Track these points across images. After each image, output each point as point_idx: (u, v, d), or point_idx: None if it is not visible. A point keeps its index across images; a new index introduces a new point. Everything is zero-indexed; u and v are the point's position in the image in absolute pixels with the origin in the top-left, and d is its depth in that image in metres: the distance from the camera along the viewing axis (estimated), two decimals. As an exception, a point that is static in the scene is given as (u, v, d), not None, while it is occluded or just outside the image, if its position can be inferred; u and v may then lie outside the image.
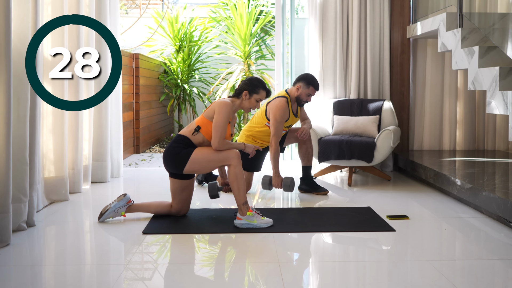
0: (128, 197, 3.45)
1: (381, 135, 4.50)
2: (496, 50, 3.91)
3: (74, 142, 4.23)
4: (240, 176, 3.24)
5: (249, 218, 3.24)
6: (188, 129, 3.40)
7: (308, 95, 4.18)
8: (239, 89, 3.47)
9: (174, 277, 2.55)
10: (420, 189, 4.50)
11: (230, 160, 3.25)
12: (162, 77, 8.55)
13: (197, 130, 3.34)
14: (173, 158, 3.32)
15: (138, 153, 7.18)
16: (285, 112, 4.12)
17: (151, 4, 10.47)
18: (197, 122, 3.38)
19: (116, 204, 3.41)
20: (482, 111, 5.50)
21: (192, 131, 3.35)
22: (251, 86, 3.45)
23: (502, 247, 2.99)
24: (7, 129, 2.89)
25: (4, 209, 2.90)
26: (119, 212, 3.42)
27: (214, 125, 3.26)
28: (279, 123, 4.08)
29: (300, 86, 4.17)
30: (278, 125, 4.08)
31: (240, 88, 3.47)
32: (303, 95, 4.17)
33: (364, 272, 2.66)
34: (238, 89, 3.48)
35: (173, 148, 3.34)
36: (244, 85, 3.47)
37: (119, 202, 3.41)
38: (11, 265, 2.65)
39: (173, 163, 3.33)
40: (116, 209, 3.41)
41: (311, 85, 4.17)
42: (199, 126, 3.34)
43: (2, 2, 2.83)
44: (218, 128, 3.25)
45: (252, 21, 8.28)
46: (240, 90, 3.46)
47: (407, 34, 5.30)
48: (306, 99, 4.21)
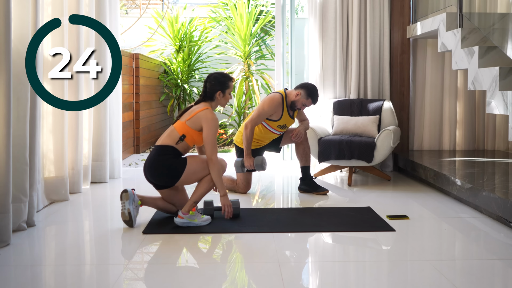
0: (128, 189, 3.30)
1: (381, 135, 4.50)
2: (496, 50, 3.91)
3: (74, 142, 4.23)
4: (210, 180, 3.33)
5: (191, 217, 3.27)
6: (169, 138, 3.31)
7: (303, 104, 4.19)
8: (210, 92, 3.41)
9: (173, 277, 2.55)
10: (420, 189, 4.50)
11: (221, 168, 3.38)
12: (162, 77, 8.55)
13: (182, 139, 3.30)
14: (165, 171, 3.28)
15: (138, 153, 7.18)
16: (276, 107, 4.13)
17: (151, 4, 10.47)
18: (180, 130, 3.31)
19: (127, 202, 3.27)
20: (482, 111, 5.50)
21: (176, 139, 3.30)
22: (221, 84, 3.43)
23: (502, 247, 2.99)
24: (7, 129, 2.89)
25: (4, 209, 2.90)
26: (137, 205, 3.34)
27: (208, 141, 3.27)
28: (263, 112, 4.11)
29: (300, 94, 4.17)
30: (261, 113, 4.11)
31: (210, 90, 3.42)
32: (299, 103, 4.18)
33: (364, 272, 2.66)
34: (209, 91, 3.42)
35: (163, 160, 3.28)
36: (214, 86, 3.42)
37: (129, 199, 3.28)
38: (11, 265, 2.65)
39: (165, 176, 3.30)
40: (133, 205, 3.30)
41: (310, 98, 4.18)
42: (184, 135, 3.30)
43: (2, 2, 2.83)
44: (213, 143, 3.28)
45: (252, 21, 8.28)
46: (212, 92, 3.42)
47: (407, 34, 5.30)
48: (300, 107, 4.22)
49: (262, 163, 4.05)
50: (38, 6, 3.32)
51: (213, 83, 3.43)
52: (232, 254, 2.96)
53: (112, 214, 3.94)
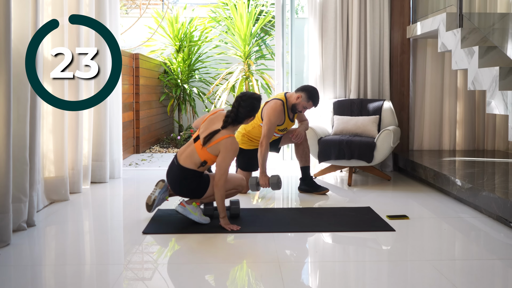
0: (165, 181, 3.50)
1: (381, 135, 4.50)
2: (496, 50, 3.91)
3: (74, 142, 4.22)
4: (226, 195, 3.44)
5: (192, 209, 3.30)
6: (191, 161, 3.33)
7: (304, 107, 4.19)
8: (242, 118, 3.33)
9: (174, 277, 2.55)
10: (420, 189, 4.50)
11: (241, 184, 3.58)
12: (162, 77, 8.55)
13: (203, 165, 3.33)
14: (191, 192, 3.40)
15: (138, 153, 7.18)
16: (280, 115, 4.13)
17: (151, 4, 10.47)
18: (201, 156, 3.30)
19: (159, 191, 3.45)
20: (482, 111, 5.50)
21: (198, 164, 3.32)
22: (255, 110, 3.37)
23: (502, 247, 2.99)
24: (7, 129, 2.89)
25: (4, 209, 2.90)
26: (164, 198, 3.50)
27: (220, 166, 3.25)
28: (272, 125, 4.09)
29: (301, 97, 4.17)
30: (271, 126, 4.09)
31: (243, 116, 3.33)
32: (300, 105, 4.18)
33: (364, 272, 2.66)
34: (241, 117, 3.32)
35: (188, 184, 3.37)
36: (249, 112, 3.33)
37: (162, 189, 3.46)
38: (11, 265, 2.65)
39: (191, 194, 3.41)
40: (162, 196, 3.47)
41: (311, 101, 4.18)
42: (205, 161, 3.31)
43: (2, 2, 2.83)
44: (225, 170, 3.26)
45: (252, 21, 8.28)
46: (244, 118, 3.34)
47: (407, 34, 5.30)
48: (301, 110, 4.22)
49: (278, 182, 3.98)
50: (38, 6, 3.32)
51: (249, 109, 3.32)
52: (232, 254, 2.96)
53: (112, 214, 3.94)
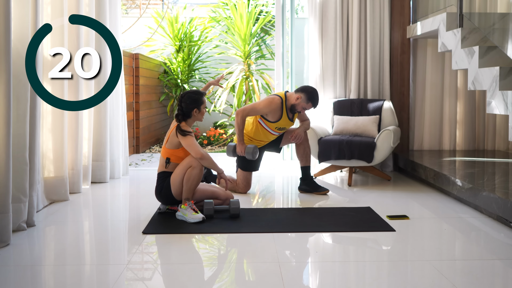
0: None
1: (381, 135, 4.50)
2: (496, 50, 3.91)
3: (74, 142, 4.22)
4: (193, 178, 3.43)
5: (183, 211, 3.42)
6: (161, 165, 3.58)
7: (303, 108, 4.20)
8: (186, 111, 3.52)
9: (174, 277, 2.55)
10: (420, 189, 4.50)
11: (191, 163, 3.45)
12: (162, 77, 8.55)
13: (168, 161, 3.53)
14: (161, 195, 3.56)
15: (138, 153, 7.17)
16: (273, 109, 4.14)
17: (151, 4, 10.46)
18: (164, 155, 3.55)
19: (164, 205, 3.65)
20: (482, 111, 5.50)
21: (164, 164, 3.54)
22: (195, 102, 3.53)
23: (502, 247, 2.99)
24: (7, 129, 2.89)
25: (4, 209, 2.90)
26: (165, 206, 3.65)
27: (188, 146, 3.42)
28: (256, 110, 4.14)
29: (300, 98, 4.17)
30: (254, 109, 4.14)
31: (187, 109, 3.52)
32: (299, 106, 4.18)
33: (364, 272, 2.66)
34: (185, 111, 3.52)
35: (157, 187, 3.58)
36: (189, 105, 3.51)
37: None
38: (11, 265, 2.65)
39: (164, 198, 3.57)
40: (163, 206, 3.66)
41: (310, 102, 4.18)
42: (168, 158, 3.53)
43: (2, 2, 2.83)
44: (195, 144, 3.42)
45: (252, 21, 8.27)
46: (188, 111, 3.52)
47: (407, 34, 5.30)
48: (300, 110, 4.23)
49: (253, 152, 4.08)
50: (38, 6, 3.32)
51: (188, 102, 3.52)
52: (232, 254, 2.96)
53: (112, 214, 3.94)
